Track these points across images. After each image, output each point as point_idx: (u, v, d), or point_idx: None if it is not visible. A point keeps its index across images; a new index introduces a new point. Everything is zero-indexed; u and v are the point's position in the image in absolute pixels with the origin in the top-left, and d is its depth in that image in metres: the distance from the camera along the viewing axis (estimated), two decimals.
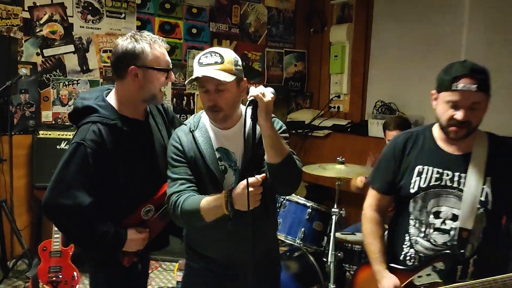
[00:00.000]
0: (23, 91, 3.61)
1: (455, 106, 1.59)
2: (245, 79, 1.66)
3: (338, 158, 2.95)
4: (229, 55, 1.61)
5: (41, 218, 3.66)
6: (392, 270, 1.74)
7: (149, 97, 1.69)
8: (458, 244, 1.62)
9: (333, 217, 2.79)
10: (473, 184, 1.62)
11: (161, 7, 4.20)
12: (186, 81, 1.60)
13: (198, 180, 1.66)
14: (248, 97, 1.46)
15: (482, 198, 1.61)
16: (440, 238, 1.65)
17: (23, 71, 3.08)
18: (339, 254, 2.77)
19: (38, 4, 3.62)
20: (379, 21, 4.32)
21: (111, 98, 1.71)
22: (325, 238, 2.89)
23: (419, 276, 1.68)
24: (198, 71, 1.57)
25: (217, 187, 1.64)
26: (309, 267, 2.90)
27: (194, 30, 4.40)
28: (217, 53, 1.59)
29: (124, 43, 1.64)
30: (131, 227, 1.70)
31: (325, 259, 2.80)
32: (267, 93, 1.49)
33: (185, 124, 1.73)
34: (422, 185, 1.69)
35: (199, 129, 1.69)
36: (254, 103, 1.45)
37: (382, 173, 1.82)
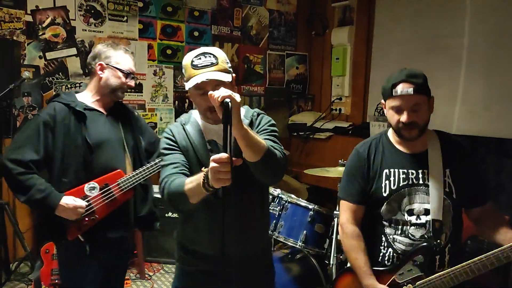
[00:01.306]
0: (26, 94, 3.63)
1: (398, 110, 1.74)
2: (234, 74, 1.67)
3: (340, 161, 2.96)
4: (220, 53, 1.63)
5: None
6: (374, 273, 1.79)
7: (110, 90, 2.07)
8: (433, 235, 1.73)
9: (335, 219, 2.80)
10: (436, 178, 1.76)
11: (163, 10, 4.22)
12: (189, 87, 1.60)
13: (190, 171, 1.66)
14: (220, 99, 1.40)
15: (446, 189, 1.76)
16: (417, 232, 1.76)
17: (26, 74, 3.09)
18: (341, 257, 2.77)
19: (40, 8, 3.64)
20: (380, 23, 4.33)
21: (81, 93, 2.13)
22: (327, 240, 2.89)
23: (401, 274, 1.75)
24: (199, 75, 1.56)
25: None
26: (311, 269, 2.90)
27: (196, 33, 4.41)
28: (210, 53, 1.59)
29: (101, 46, 2.12)
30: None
31: (327, 262, 2.80)
32: (234, 93, 1.43)
33: (176, 121, 1.79)
34: (392, 187, 1.80)
35: (191, 123, 1.74)
36: (226, 105, 1.38)
37: (352, 185, 1.89)
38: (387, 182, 1.81)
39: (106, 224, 2.04)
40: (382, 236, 1.83)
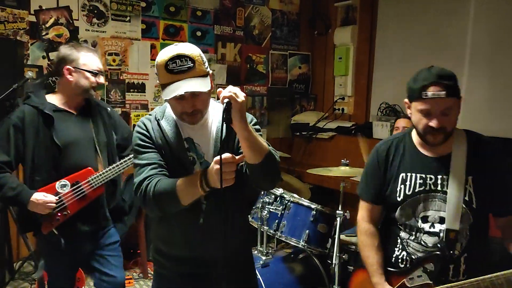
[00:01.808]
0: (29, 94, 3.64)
1: (427, 114, 1.62)
2: (211, 71, 1.59)
3: (342, 160, 2.96)
4: (195, 52, 1.50)
5: None
6: (385, 272, 1.77)
7: (81, 91, 2.15)
8: (446, 245, 1.65)
9: (338, 219, 2.79)
10: (455, 185, 1.65)
11: (165, 10, 4.22)
12: (166, 96, 1.46)
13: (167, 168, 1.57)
14: (221, 99, 1.39)
15: (466, 198, 1.65)
16: (430, 240, 1.69)
17: (29, 74, 3.07)
18: (343, 256, 2.77)
19: (44, 8, 3.65)
20: (383, 23, 4.32)
21: (51, 95, 2.21)
22: (330, 240, 2.89)
23: (411, 278, 1.71)
24: (176, 86, 1.45)
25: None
26: (314, 269, 2.90)
27: (198, 33, 4.41)
28: (185, 56, 1.46)
29: (64, 49, 2.17)
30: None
31: (329, 261, 2.80)
32: (239, 93, 1.39)
33: (149, 114, 1.67)
34: (407, 193, 1.72)
35: (165, 118, 1.63)
36: (229, 105, 1.37)
37: (370, 184, 1.84)
38: (402, 186, 1.73)
39: (78, 218, 2.16)
40: (398, 238, 1.78)
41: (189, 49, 1.50)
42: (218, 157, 1.37)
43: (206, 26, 4.45)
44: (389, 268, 1.78)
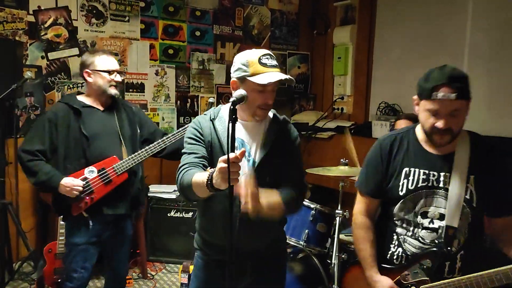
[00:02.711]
0: (28, 94, 3.64)
1: (435, 114, 1.62)
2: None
3: (341, 160, 2.96)
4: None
5: (47, 220, 3.68)
6: (380, 270, 1.78)
7: (102, 90, 2.43)
8: (444, 241, 1.67)
9: (337, 218, 2.80)
10: (457, 183, 1.66)
11: (164, 10, 4.22)
12: (261, 81, 1.64)
13: (213, 164, 1.65)
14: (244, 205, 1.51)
15: (467, 196, 1.66)
16: (428, 237, 1.71)
17: (28, 74, 3.09)
18: (343, 256, 2.77)
19: (43, 8, 3.65)
20: (382, 22, 4.32)
21: (82, 96, 2.50)
22: (329, 239, 2.89)
23: (407, 275, 1.72)
24: (272, 74, 1.64)
25: None
26: (313, 268, 2.90)
27: (197, 33, 4.42)
28: (272, 55, 1.70)
29: (83, 56, 2.50)
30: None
31: (329, 261, 2.80)
32: (246, 183, 1.50)
33: (205, 114, 1.83)
34: (410, 187, 1.73)
35: (219, 118, 1.77)
36: (235, 103, 1.49)
37: (370, 178, 1.84)
38: (405, 181, 1.74)
39: (104, 203, 2.40)
40: (394, 234, 1.79)
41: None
42: (224, 157, 1.42)
43: (205, 26, 4.45)
44: (384, 265, 1.79)
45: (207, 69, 4.48)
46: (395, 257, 1.78)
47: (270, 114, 1.82)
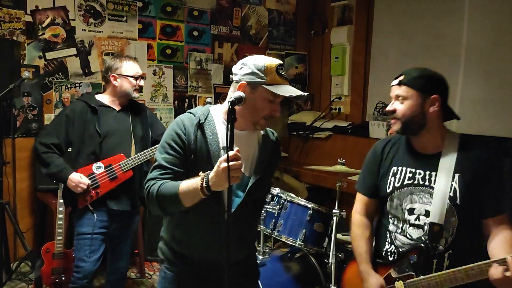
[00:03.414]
0: (25, 94, 3.64)
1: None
2: None
3: (339, 160, 2.97)
4: None
5: (44, 220, 3.68)
6: (374, 265, 1.84)
7: (126, 93, 2.61)
8: (429, 238, 1.71)
9: (334, 218, 2.80)
10: (442, 181, 1.71)
11: (162, 10, 4.23)
12: (284, 94, 1.57)
13: (195, 174, 1.54)
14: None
15: (451, 194, 1.70)
16: (415, 233, 1.76)
17: (26, 74, 3.09)
18: (340, 255, 2.78)
19: (40, 8, 3.65)
20: (379, 23, 4.33)
21: (101, 94, 2.68)
22: (326, 239, 2.90)
23: (395, 269, 1.78)
24: (288, 88, 1.59)
25: None
26: (310, 268, 2.91)
27: (195, 33, 4.42)
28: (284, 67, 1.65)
29: (109, 60, 2.67)
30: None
31: (326, 260, 2.81)
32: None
33: (193, 114, 1.68)
34: (396, 185, 1.81)
35: (208, 122, 1.65)
36: (233, 104, 1.45)
37: (366, 178, 1.95)
38: (392, 179, 1.82)
39: (109, 198, 2.54)
40: (387, 232, 1.86)
41: None
42: (224, 156, 1.40)
43: (203, 26, 4.46)
44: (379, 260, 1.86)
45: (204, 69, 4.48)
46: (388, 253, 1.84)
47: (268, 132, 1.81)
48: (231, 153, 1.40)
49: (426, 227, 1.73)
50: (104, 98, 2.65)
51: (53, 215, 3.18)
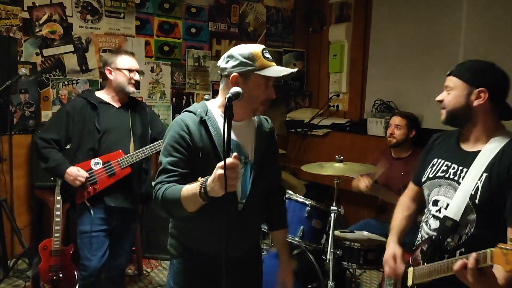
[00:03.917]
0: (22, 91, 3.62)
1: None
2: None
3: (336, 156, 2.96)
4: None
5: (41, 217, 3.67)
6: (404, 250, 1.90)
7: (121, 87, 2.58)
8: (439, 231, 1.71)
9: (332, 215, 2.80)
10: (469, 178, 1.68)
11: (160, 7, 4.21)
12: (278, 75, 1.60)
13: (206, 172, 1.49)
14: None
15: (472, 192, 1.66)
16: (433, 224, 1.77)
17: (23, 71, 3.08)
18: (338, 252, 2.78)
19: (37, 4, 3.63)
20: (377, 20, 4.33)
21: (100, 91, 2.68)
22: (324, 236, 2.90)
23: (413, 256, 1.83)
24: (277, 68, 1.60)
25: None
26: (308, 264, 2.91)
27: (193, 30, 4.41)
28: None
29: (105, 55, 2.60)
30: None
31: (324, 257, 2.80)
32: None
33: (193, 112, 1.65)
34: (430, 176, 1.82)
35: (209, 118, 1.63)
36: (231, 100, 1.40)
37: (418, 168, 1.97)
38: (429, 169, 1.84)
39: (107, 194, 2.54)
40: (420, 222, 1.91)
41: None
42: (221, 163, 1.36)
43: (200, 23, 4.45)
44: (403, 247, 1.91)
45: (202, 66, 4.47)
46: (418, 241, 1.87)
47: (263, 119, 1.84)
48: (229, 160, 1.36)
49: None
50: (104, 95, 2.65)
51: (50, 212, 3.17)
